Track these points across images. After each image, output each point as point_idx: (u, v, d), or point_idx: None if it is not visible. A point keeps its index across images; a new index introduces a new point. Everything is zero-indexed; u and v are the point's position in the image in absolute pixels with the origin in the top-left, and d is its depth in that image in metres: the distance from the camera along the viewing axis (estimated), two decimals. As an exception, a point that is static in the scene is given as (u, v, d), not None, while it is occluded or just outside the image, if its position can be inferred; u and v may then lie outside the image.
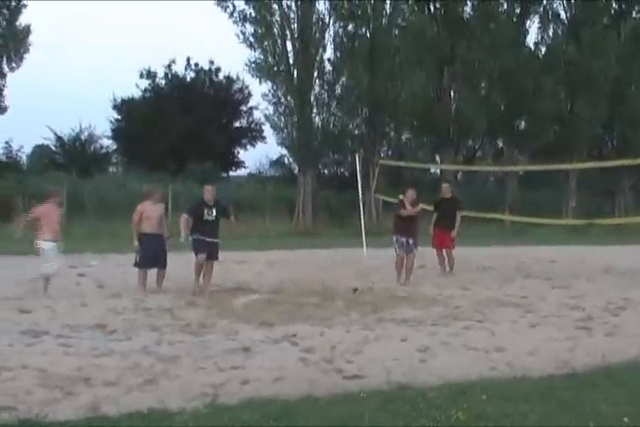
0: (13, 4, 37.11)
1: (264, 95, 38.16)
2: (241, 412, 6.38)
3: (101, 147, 49.94)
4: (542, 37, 41.16)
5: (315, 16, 36.77)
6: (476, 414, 6.32)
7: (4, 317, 11.31)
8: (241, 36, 37.14)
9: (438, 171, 42.28)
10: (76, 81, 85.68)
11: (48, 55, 68.82)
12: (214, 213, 14.26)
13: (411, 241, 16.06)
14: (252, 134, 51.24)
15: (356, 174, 18.69)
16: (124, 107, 48.71)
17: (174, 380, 7.64)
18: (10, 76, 38.15)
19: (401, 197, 16.45)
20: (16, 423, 6.11)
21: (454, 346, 9.50)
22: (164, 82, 49.45)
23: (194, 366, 8.26)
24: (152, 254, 14.08)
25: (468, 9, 39.20)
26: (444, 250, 17.66)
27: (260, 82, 38.06)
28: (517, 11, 39.95)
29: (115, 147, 50.34)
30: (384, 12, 38.02)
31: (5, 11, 37.02)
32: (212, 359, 8.52)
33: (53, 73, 79.05)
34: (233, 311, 12.02)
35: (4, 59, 37.53)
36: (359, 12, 36.96)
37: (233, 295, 13.55)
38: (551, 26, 41.06)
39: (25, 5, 37.42)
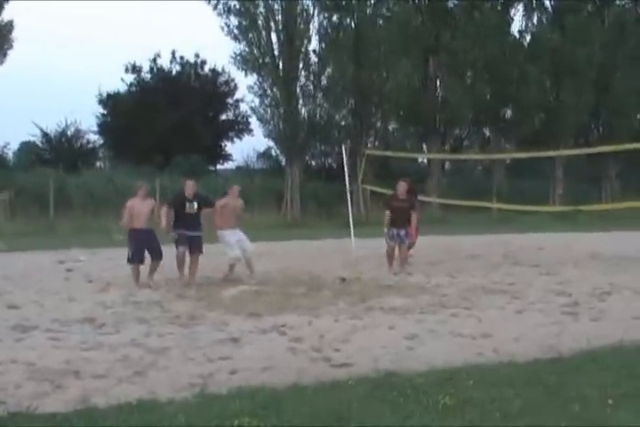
0: (-5, -1, 37.01)
1: (250, 87, 38.20)
2: (230, 401, 6.41)
3: (88, 142, 49.83)
4: (527, 25, 41.30)
5: (299, 7, 36.78)
6: (463, 400, 6.37)
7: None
8: (225, 29, 37.18)
9: (425, 160, 42.33)
10: (61, 77, 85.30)
11: (32, 51, 68.64)
12: (195, 207, 14.28)
13: (402, 232, 16.12)
14: (239, 127, 51.19)
15: (344, 165, 18.68)
16: (110, 101, 48.62)
17: (163, 371, 7.68)
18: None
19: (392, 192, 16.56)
20: (5, 416, 6.14)
21: (441, 333, 9.58)
22: (149, 76, 49.39)
23: (183, 357, 8.30)
24: (143, 249, 14.12)
25: (452, -2, 39.25)
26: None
27: (246, 74, 38.10)
28: (501, -1, 40.02)
29: (101, 142, 50.28)
30: (368, 3, 38.09)
31: (-13, 7, 36.91)
32: (201, 350, 8.56)
33: (38, 69, 78.68)
34: (222, 303, 12.06)
35: (-13, 54, 37.43)
36: (343, 3, 37.03)
37: (222, 287, 13.59)
38: (535, 14, 41.17)
39: (7, 1, 37.31)
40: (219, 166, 51.06)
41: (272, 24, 36.46)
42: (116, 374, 7.51)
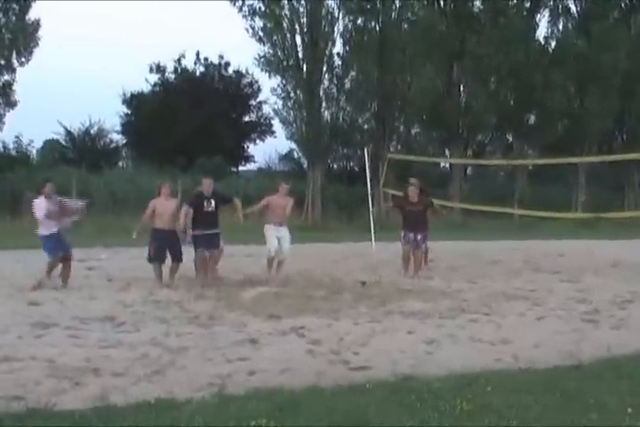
0: (23, -2, 37.20)
1: (273, 90, 38.24)
2: (247, 402, 6.43)
3: (111, 141, 50.11)
4: (552, 31, 41.14)
5: (324, 10, 36.75)
6: (481, 405, 6.36)
7: (15, 309, 11.40)
8: (250, 31, 37.22)
9: (448, 165, 42.25)
10: (86, 76, 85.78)
11: (58, 50, 68.98)
12: (213, 204, 14.36)
13: (419, 236, 16.09)
14: (262, 129, 51.29)
15: (365, 169, 18.64)
16: (134, 101, 48.82)
17: (182, 371, 7.71)
18: (20, 71, 38.29)
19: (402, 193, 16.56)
20: (25, 413, 6.17)
21: (460, 338, 9.55)
22: (173, 76, 49.57)
23: (201, 357, 8.33)
24: (164, 250, 14.16)
25: (477, 3, 39.08)
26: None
27: (270, 76, 38.13)
28: (527, 5, 39.85)
29: (124, 141, 50.49)
30: (393, 6, 38.03)
31: (15, 5, 37.09)
32: (220, 351, 8.58)
33: (64, 68, 79.06)
34: (241, 304, 12.07)
35: (14, 53, 37.60)
36: (368, 6, 36.95)
37: (241, 288, 13.59)
38: (561, 20, 41.04)
39: (34, 0, 37.53)
40: (240, 168, 51.22)
41: (297, 26, 36.49)
42: (135, 373, 7.54)
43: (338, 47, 37.92)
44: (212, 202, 14.36)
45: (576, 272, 16.79)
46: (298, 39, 36.65)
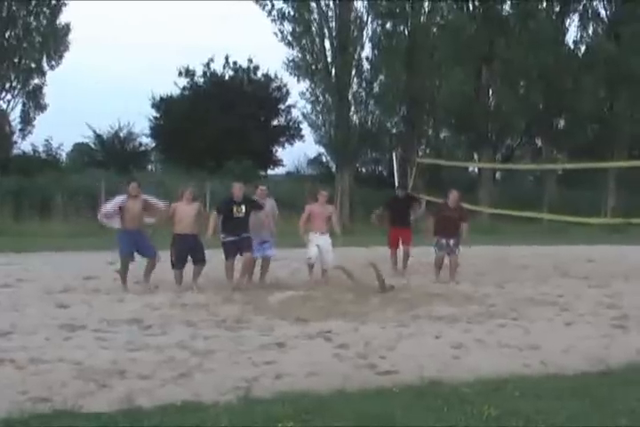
0: (54, 2, 37.50)
1: (302, 94, 38.39)
2: (273, 405, 6.42)
3: (140, 145, 50.23)
4: (582, 36, 40.98)
5: (353, 14, 36.86)
6: (509, 411, 6.32)
7: (43, 311, 11.46)
8: (279, 35, 37.39)
9: (476, 169, 42.13)
10: (115, 79, 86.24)
11: (88, 54, 69.54)
12: (244, 210, 14.21)
13: (452, 242, 16.04)
14: (290, 133, 51.29)
15: (394, 173, 18.66)
16: (163, 105, 49.00)
17: (208, 374, 7.71)
18: (50, 75, 38.60)
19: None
20: (51, 414, 6.20)
21: (488, 343, 9.49)
22: (202, 80, 49.71)
23: (228, 360, 8.33)
24: (186, 255, 14.12)
25: (506, 7, 39.03)
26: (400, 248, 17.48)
27: (299, 80, 38.31)
28: (557, 9, 39.73)
29: (153, 145, 50.67)
30: (422, 11, 38.04)
31: (46, 9, 37.40)
32: (247, 354, 8.58)
33: (93, 71, 79.62)
34: (268, 308, 12.06)
35: (45, 57, 37.93)
36: (397, 11, 36.97)
37: (269, 292, 13.57)
38: (591, 24, 40.86)
39: (65, 4, 37.86)
40: (269, 172, 51.25)
41: (325, 31, 36.62)
42: (162, 376, 7.55)
43: (367, 51, 38.12)
44: (243, 207, 14.26)
45: (605, 278, 16.68)
46: (327, 43, 36.80)
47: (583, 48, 40.97)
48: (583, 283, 15.94)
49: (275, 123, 51.60)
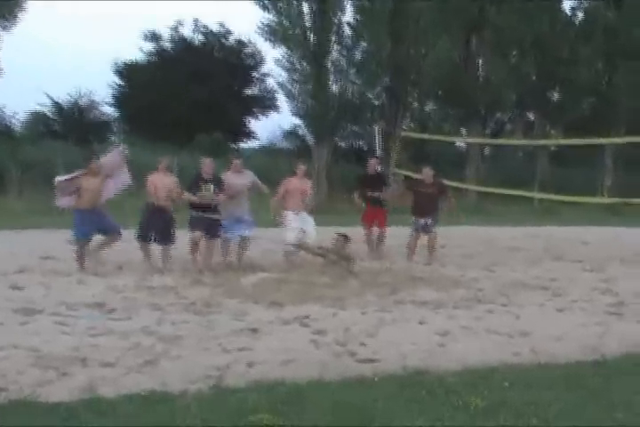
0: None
1: (277, 61, 38.13)
2: (247, 395, 6.44)
3: (102, 114, 49.99)
4: (580, 2, 40.88)
5: (333, -25, 36.59)
6: (497, 402, 6.37)
7: (-4, 293, 11.42)
8: (254, -3, 37.10)
9: (464, 145, 42.20)
10: (75, 44, 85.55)
11: (46, 17, 68.61)
12: (212, 190, 14.05)
13: (429, 221, 16.08)
14: (265, 103, 51.15)
15: (376, 148, 18.68)
16: (127, 71, 48.67)
17: (176, 361, 7.71)
18: (4, 37, 38.24)
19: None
20: (7, 405, 6.19)
21: (476, 330, 9.54)
22: (170, 45, 49.41)
23: (198, 346, 8.33)
24: (152, 229, 14.10)
25: (498, -30, 38.90)
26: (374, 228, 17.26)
27: (274, 46, 38.03)
28: (552, -28, 39.66)
29: (116, 115, 50.42)
30: (408, -28, 37.85)
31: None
32: (218, 340, 8.58)
33: (51, 35, 78.96)
34: (241, 290, 12.06)
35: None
36: (381, -29, 36.77)
37: (241, 274, 13.57)
38: (590, -11, 40.84)
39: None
40: (242, 145, 51.12)
41: (304, -8, 36.36)
42: (126, 363, 7.55)
43: (348, 15, 37.80)
44: (211, 186, 14.16)
45: (600, 261, 16.75)
46: (305, 6, 36.48)
47: (581, 15, 40.90)
48: (577, 267, 16.03)
49: (248, 92, 51.42)
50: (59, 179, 13.96)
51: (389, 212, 17.45)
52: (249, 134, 52.06)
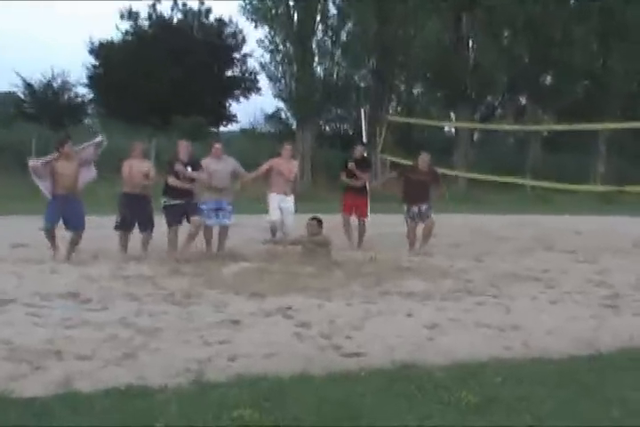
0: None
1: (260, 41, 38.20)
2: (228, 390, 6.43)
3: (76, 96, 49.80)
4: (574, -19, 40.92)
5: (319, -49, 36.54)
6: (489, 398, 6.37)
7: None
8: (235, -26, 37.05)
9: (453, 130, 42.25)
10: (48, 22, 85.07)
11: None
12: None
13: (423, 208, 16.08)
14: (246, 85, 51.11)
15: (362, 132, 18.64)
16: (103, 51, 48.49)
17: (155, 354, 7.68)
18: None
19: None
20: (-23, 400, 6.17)
21: (465, 323, 9.53)
22: (147, 24, 49.23)
23: (177, 339, 8.30)
24: (134, 217, 14.09)
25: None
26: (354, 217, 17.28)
27: (256, 26, 38.04)
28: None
29: (91, 96, 50.19)
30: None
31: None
32: (198, 332, 8.56)
33: (23, 13, 78.53)
34: (221, 281, 12.04)
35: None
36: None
37: (222, 263, 13.58)
38: (584, -33, 40.85)
39: None
40: (222, 128, 51.08)
41: (288, -31, 36.31)
42: (103, 356, 7.51)
43: (333, -5, 37.77)
44: (189, 169, 14.19)
45: (594, 252, 16.79)
46: (289, -15, 36.46)
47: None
48: (570, 257, 16.08)
49: (229, 74, 51.42)
50: (34, 163, 13.89)
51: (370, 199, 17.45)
52: (229, 117, 52.04)
